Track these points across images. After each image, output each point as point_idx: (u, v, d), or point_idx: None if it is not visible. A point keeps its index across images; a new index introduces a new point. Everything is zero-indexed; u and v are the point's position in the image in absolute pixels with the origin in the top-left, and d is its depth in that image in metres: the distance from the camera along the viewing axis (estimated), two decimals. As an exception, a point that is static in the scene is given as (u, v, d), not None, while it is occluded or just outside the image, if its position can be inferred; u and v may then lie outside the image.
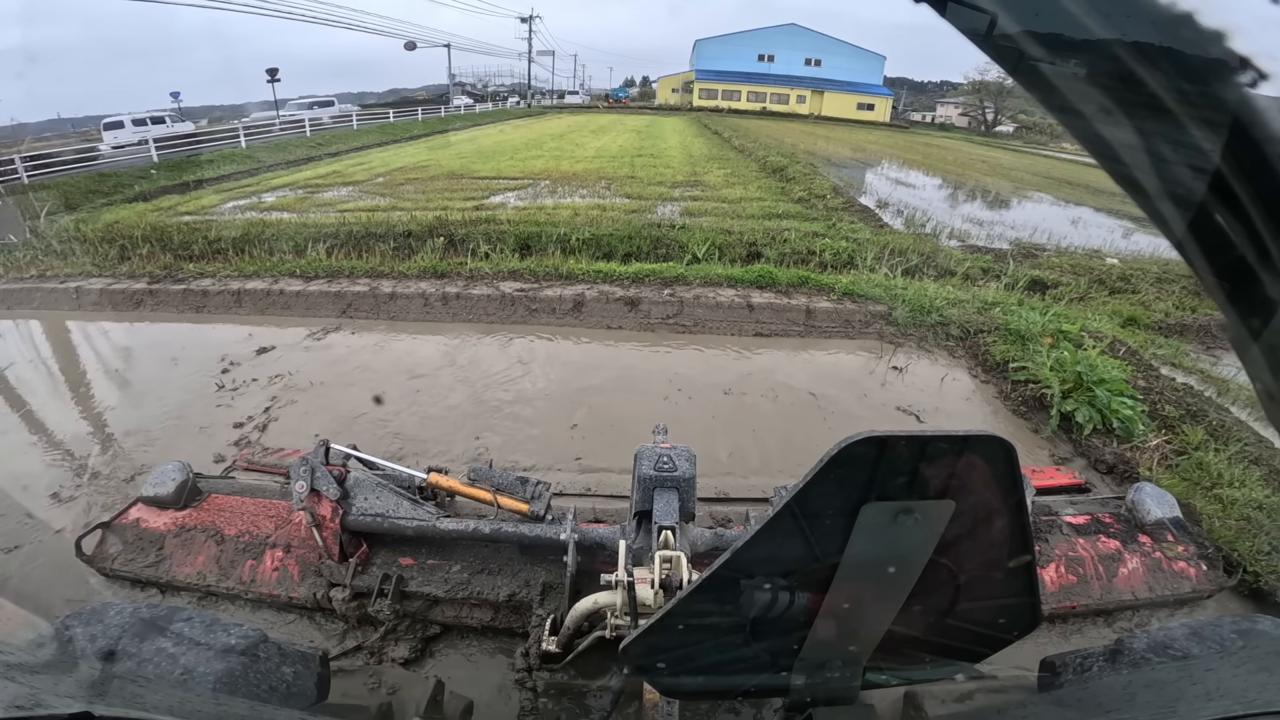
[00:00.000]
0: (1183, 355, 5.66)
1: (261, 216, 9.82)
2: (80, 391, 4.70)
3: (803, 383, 4.70)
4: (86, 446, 3.90)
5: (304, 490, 2.20)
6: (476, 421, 4.10)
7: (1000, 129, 64.64)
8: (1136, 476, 3.78)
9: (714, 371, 4.83)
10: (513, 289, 5.81)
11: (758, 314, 5.56)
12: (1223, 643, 1.22)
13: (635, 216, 9.17)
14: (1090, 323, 5.74)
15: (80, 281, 6.87)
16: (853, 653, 0.89)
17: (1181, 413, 4.38)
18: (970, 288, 6.52)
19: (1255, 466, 3.89)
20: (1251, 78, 0.38)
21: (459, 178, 14.54)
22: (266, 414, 4.23)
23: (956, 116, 71.62)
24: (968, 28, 0.46)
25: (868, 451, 0.64)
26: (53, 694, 0.82)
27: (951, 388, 4.84)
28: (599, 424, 4.05)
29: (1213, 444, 4.07)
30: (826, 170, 16.99)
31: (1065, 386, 4.32)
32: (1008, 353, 4.95)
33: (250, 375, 4.75)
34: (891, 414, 4.38)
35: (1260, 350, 0.47)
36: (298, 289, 5.96)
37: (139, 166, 17.65)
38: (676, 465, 1.95)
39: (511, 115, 45.16)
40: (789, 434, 4.01)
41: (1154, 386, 4.67)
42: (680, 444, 2.09)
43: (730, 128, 31.66)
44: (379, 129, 30.00)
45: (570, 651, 1.83)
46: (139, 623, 1.25)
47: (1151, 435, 4.16)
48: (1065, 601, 2.43)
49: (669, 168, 15.96)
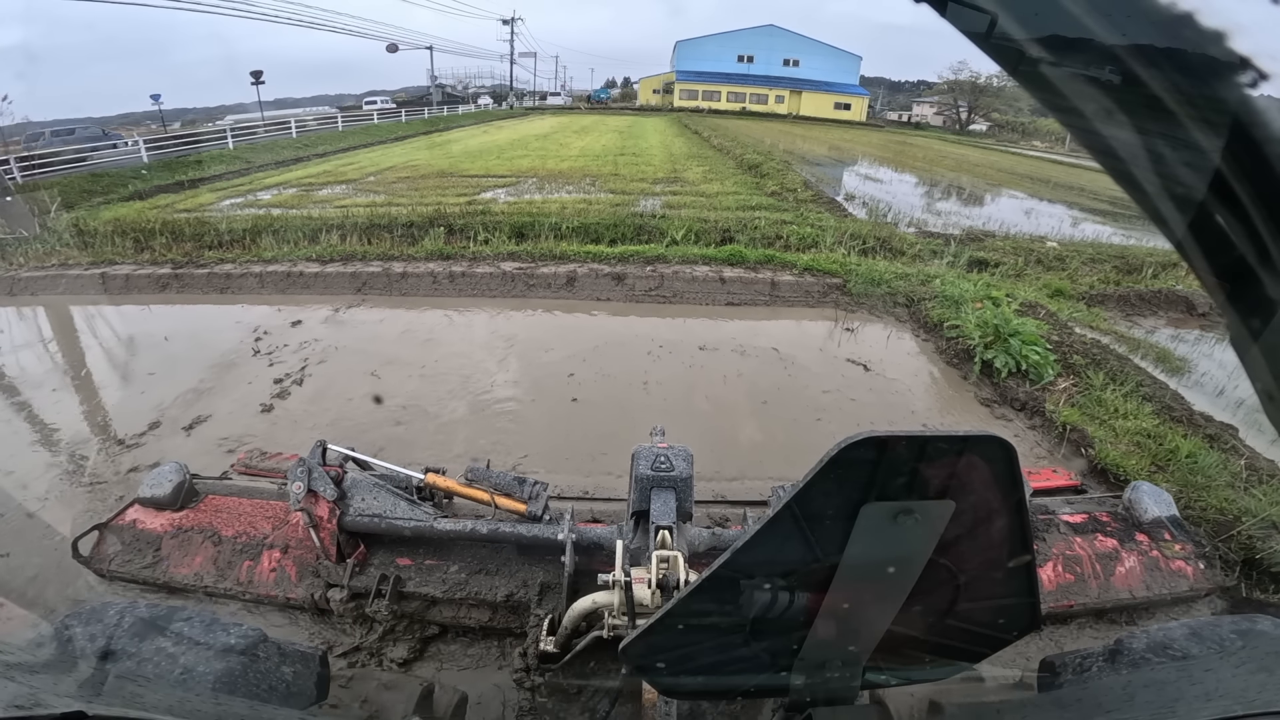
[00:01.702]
0: (1099, 319, 6.51)
1: (267, 212, 10.34)
2: (130, 359, 5.29)
3: (767, 341, 5.45)
4: (158, 396, 4.50)
5: (301, 491, 2.20)
6: (485, 375, 4.78)
7: (974, 127, 65.60)
8: (1043, 412, 4.58)
9: (691, 333, 5.58)
10: (512, 268, 6.50)
11: (729, 286, 6.31)
12: (1222, 643, 1.23)
13: (619, 209, 9.87)
14: (1020, 293, 6.57)
15: (105, 268, 7.39)
16: (852, 653, 0.88)
17: (1087, 361, 5.18)
18: (918, 265, 7.34)
19: (1147, 403, 4.69)
20: (1252, 78, 0.38)
21: (449, 176, 15.12)
22: (302, 371, 4.87)
23: (932, 115, 72.55)
24: (968, 28, 0.46)
25: (867, 452, 0.64)
26: (52, 693, 0.82)
27: (896, 344, 5.63)
28: (592, 374, 4.76)
29: (1111, 385, 4.87)
30: (800, 167, 17.83)
31: (986, 339, 5.11)
32: (944, 315, 5.75)
33: (282, 342, 5.38)
34: (843, 364, 5.14)
35: (1260, 350, 0.46)
36: (316, 271, 6.58)
37: (130, 167, 17.91)
38: (674, 465, 1.96)
39: (494, 116, 45.54)
40: (754, 379, 4.76)
41: (1066, 341, 5.48)
42: (677, 444, 2.10)
43: (710, 127, 32.47)
44: (364, 130, 30.33)
45: (568, 651, 1.82)
46: (138, 622, 1.25)
47: (1060, 379, 4.96)
48: (1063, 601, 2.43)
49: (650, 165, 16.67)
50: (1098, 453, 3.98)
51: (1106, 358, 5.26)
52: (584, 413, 4.22)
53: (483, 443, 3.89)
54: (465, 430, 4.05)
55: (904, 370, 5.19)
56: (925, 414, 4.54)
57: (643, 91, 72.90)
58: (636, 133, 29.98)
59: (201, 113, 54.84)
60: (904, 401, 4.65)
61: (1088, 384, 4.90)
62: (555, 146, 22.40)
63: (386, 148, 23.76)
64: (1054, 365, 4.94)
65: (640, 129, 32.92)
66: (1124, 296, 7.28)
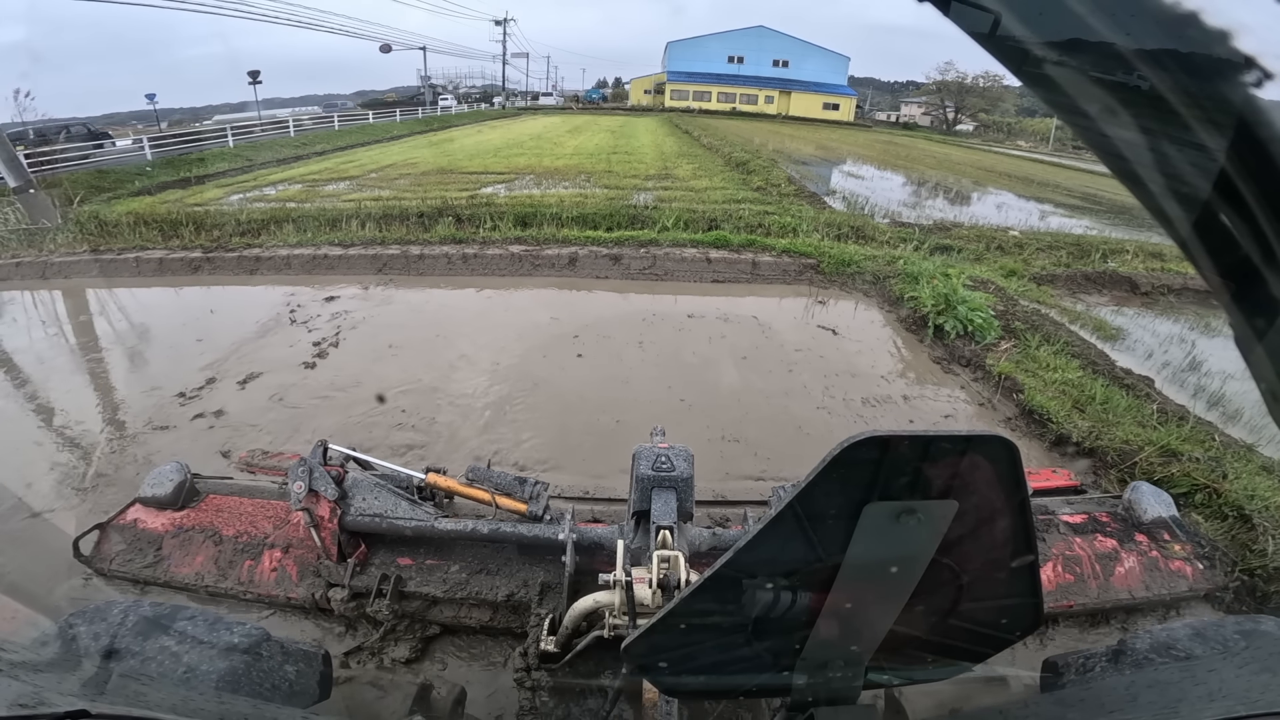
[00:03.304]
0: (1045, 295, 7.27)
1: (282, 206, 10.94)
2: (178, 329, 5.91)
3: (747, 311, 6.17)
4: (209, 358, 5.13)
5: (302, 490, 2.21)
6: (500, 339, 5.44)
7: (961, 127, 66.28)
8: (984, 366, 5.30)
9: (680, 305, 6.31)
10: (519, 250, 7.19)
11: (714, 266, 7.04)
12: (1225, 643, 1.23)
13: (614, 202, 10.55)
14: (977, 272, 7.31)
15: (137, 253, 7.98)
16: (855, 653, 0.89)
17: (1027, 327, 5.92)
18: (886, 249, 8.08)
19: (1074, 359, 5.42)
20: (1256, 77, 0.38)
21: (449, 173, 15.73)
22: (336, 335, 5.52)
23: (920, 115, 73.06)
24: (971, 28, 0.46)
25: (870, 452, 0.64)
26: (55, 692, 0.83)
27: (862, 314, 6.35)
28: (594, 336, 5.45)
29: (1045, 346, 5.60)
30: (786, 165, 18.60)
31: (939, 308, 5.84)
32: (904, 289, 6.48)
33: (315, 314, 6.03)
34: (814, 330, 5.86)
35: (1265, 350, 0.46)
36: (339, 253, 7.23)
37: (134, 164, 18.36)
38: (675, 465, 1.97)
39: (487, 116, 46.07)
40: (735, 340, 5.47)
41: (1010, 310, 6.22)
42: (678, 444, 2.11)
43: (700, 127, 33.23)
44: (359, 129, 30.79)
45: (569, 651, 1.83)
46: (142, 621, 1.26)
47: (1002, 341, 5.69)
48: (1062, 601, 2.43)
49: (642, 163, 17.36)
50: (1026, 397, 4.69)
51: (1044, 324, 6.00)
52: (587, 364, 4.92)
53: (502, 388, 4.56)
54: (487, 380, 4.71)
55: (868, 334, 5.91)
56: (885, 369, 5.24)
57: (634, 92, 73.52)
58: (628, 132, 30.64)
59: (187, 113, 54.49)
60: (866, 359, 5.36)
61: (1025, 344, 5.63)
62: (550, 145, 23.01)
63: (384, 146, 24.26)
64: (996, 329, 5.68)
65: (632, 129, 33.59)
66: (1071, 277, 8.06)
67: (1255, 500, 3.31)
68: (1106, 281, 8.14)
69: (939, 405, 4.72)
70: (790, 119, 56.10)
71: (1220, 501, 3.43)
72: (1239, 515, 3.26)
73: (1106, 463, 4.01)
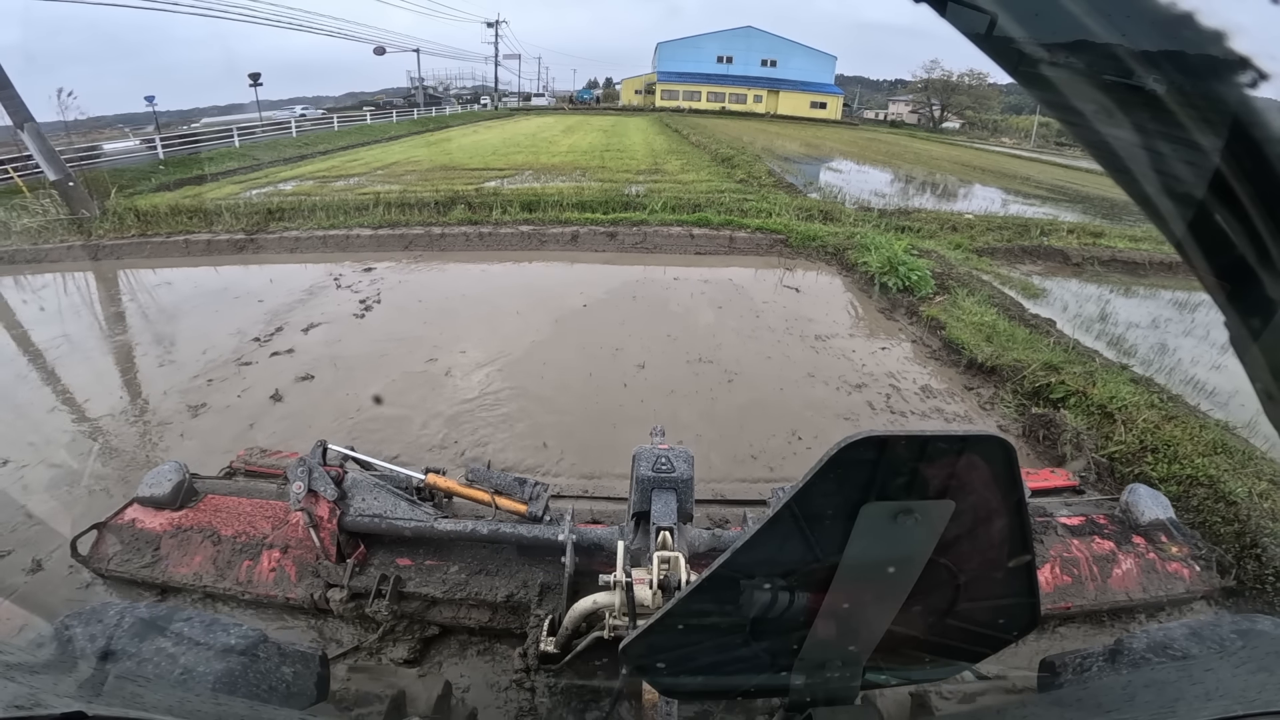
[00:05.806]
0: (983, 263, 8.41)
1: (307, 196, 11.94)
2: (240, 294, 6.94)
3: (724, 276, 7.29)
4: (272, 312, 6.17)
5: (301, 491, 2.21)
6: (515, 296, 6.51)
7: (947, 125, 66.86)
8: (918, 313, 6.41)
9: (667, 272, 7.43)
10: (528, 229, 8.30)
11: (697, 241, 8.15)
12: (1222, 643, 1.25)
13: (608, 192, 11.64)
14: (925, 246, 8.44)
15: (185, 236, 8.99)
16: (853, 653, 0.88)
17: (959, 285, 7.05)
18: (849, 227, 9.21)
19: (993, 308, 6.55)
20: (1251, 78, 0.38)
21: (451, 169, 16.74)
22: (377, 295, 6.58)
23: (907, 114, 73.61)
24: (967, 28, 0.46)
25: (867, 452, 0.64)
26: (52, 693, 0.84)
27: (823, 278, 7.48)
28: (596, 293, 6.55)
29: (971, 298, 6.72)
30: (769, 160, 19.74)
31: (884, 269, 6.96)
32: (858, 257, 7.60)
33: (356, 280, 7.08)
34: (780, 290, 6.97)
35: (1260, 350, 0.47)
36: (369, 234, 8.28)
37: (147, 163, 19.19)
38: (674, 466, 1.98)
39: (480, 117, 46.99)
40: (713, 296, 6.58)
41: (947, 273, 7.35)
42: (678, 446, 2.12)
43: (690, 126, 34.31)
44: (358, 130, 31.62)
45: (568, 652, 1.84)
46: (139, 622, 1.27)
47: (936, 295, 6.82)
48: (1060, 602, 2.45)
49: (634, 159, 18.46)
50: (947, 333, 5.81)
51: (974, 283, 7.14)
52: (591, 311, 6.01)
53: (515, 324, 5.63)
54: (511, 322, 5.78)
55: (826, 292, 7.04)
56: (836, 316, 6.35)
57: (625, 92, 74.23)
58: (620, 131, 31.65)
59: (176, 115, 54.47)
60: (822, 309, 6.47)
61: (955, 298, 6.76)
62: (545, 144, 23.98)
63: (384, 146, 25.13)
64: (931, 285, 6.81)
65: (623, 128, 34.58)
66: (1010, 250, 9.22)
67: (1115, 401, 4.41)
68: (1041, 254, 9.30)
69: (878, 340, 5.83)
70: (778, 118, 57.08)
71: (1088, 402, 4.55)
72: (1103, 412, 4.37)
73: (1002, 377, 5.15)
